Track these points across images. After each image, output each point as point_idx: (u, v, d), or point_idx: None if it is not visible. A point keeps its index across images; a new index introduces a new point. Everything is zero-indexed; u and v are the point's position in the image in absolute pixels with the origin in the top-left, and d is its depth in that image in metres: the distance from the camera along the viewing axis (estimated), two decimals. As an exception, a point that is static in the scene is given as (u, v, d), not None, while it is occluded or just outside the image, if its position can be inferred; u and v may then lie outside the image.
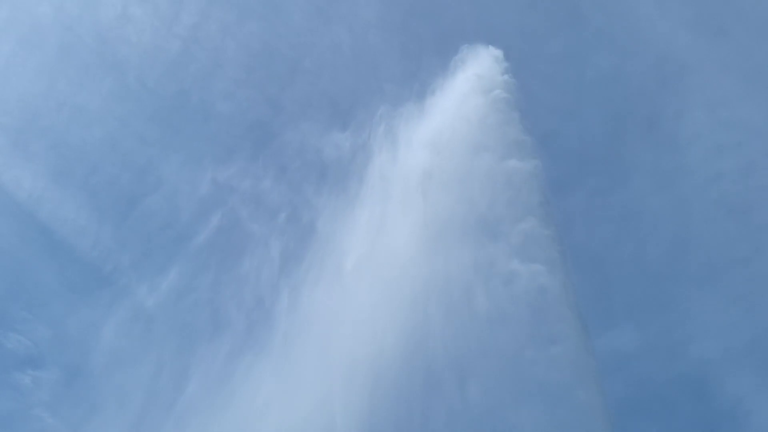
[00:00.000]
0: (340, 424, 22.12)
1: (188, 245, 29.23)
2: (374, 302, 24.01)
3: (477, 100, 27.22)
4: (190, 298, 28.43)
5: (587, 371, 22.00)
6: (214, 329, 27.05)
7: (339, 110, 32.85)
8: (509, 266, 23.76)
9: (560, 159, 32.54)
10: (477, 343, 22.72)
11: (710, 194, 32.42)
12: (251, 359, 25.16)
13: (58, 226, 31.13)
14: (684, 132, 33.18)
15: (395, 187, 26.76)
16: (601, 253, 31.82)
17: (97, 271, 30.41)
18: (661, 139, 33.70)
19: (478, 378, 22.16)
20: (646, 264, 32.09)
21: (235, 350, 25.86)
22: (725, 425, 28.24)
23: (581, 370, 21.93)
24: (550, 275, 23.37)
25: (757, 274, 30.27)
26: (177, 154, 33.30)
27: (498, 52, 28.44)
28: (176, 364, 26.38)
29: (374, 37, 35.73)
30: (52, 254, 31.31)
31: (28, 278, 31.18)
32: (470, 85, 27.74)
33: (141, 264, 30.34)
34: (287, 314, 25.69)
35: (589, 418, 21.06)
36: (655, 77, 34.29)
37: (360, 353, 22.96)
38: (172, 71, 34.64)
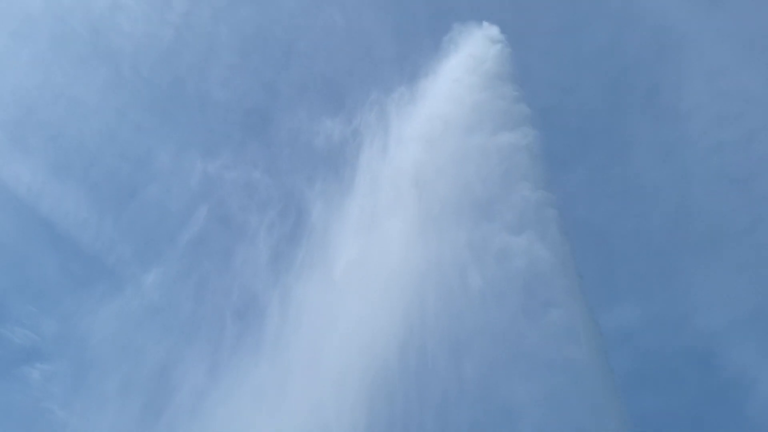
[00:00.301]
0: (333, 414, 22.23)
1: (190, 234, 29.29)
2: (369, 298, 23.98)
3: (470, 80, 26.93)
4: (193, 286, 28.61)
5: (588, 337, 21.99)
6: (212, 322, 27.19)
7: (333, 95, 32.70)
8: (503, 241, 23.74)
9: (560, 134, 32.44)
10: (472, 320, 22.75)
11: (711, 165, 32.35)
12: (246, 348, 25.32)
13: (59, 219, 31.23)
14: (684, 103, 32.99)
15: (388, 180, 26.60)
16: (602, 229, 31.77)
17: (99, 263, 30.55)
18: (661, 111, 33.51)
19: (473, 355, 22.23)
20: (649, 237, 32.08)
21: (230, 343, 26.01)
22: (731, 395, 28.43)
23: (582, 336, 21.93)
24: (544, 243, 23.32)
25: (760, 243, 30.25)
26: (175, 143, 33.18)
27: (493, 28, 28.09)
28: (177, 355, 26.63)
29: (368, 18, 35.42)
30: (55, 248, 31.45)
31: (32, 272, 31.37)
32: (463, 67, 27.43)
33: (143, 254, 30.44)
34: (279, 310, 25.73)
35: (592, 386, 21.09)
36: (653, 49, 34.02)
37: (356, 345, 23.00)
38: (167, 59, 34.48)
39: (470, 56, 27.54)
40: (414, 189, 25.44)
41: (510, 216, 24.03)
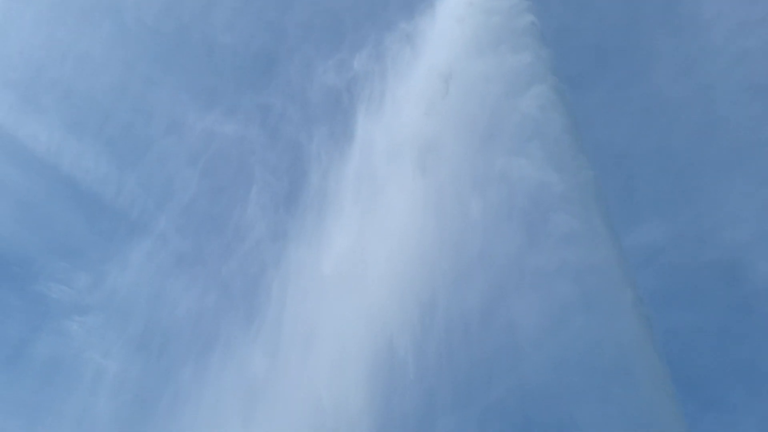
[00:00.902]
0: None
1: (209, 183, 29.62)
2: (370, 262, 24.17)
3: (477, 19, 26.18)
4: (219, 232, 29.13)
5: (596, 239, 21.93)
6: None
7: (339, 36, 31.93)
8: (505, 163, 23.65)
9: (577, 54, 31.58)
10: (477, 245, 22.88)
11: (735, 75, 31.32)
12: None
13: (82, 176, 31.55)
14: (704, 11, 31.73)
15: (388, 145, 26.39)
16: (624, 148, 31.30)
17: (125, 217, 30.95)
18: (681, 22, 32.28)
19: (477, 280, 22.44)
20: (672, 153, 31.49)
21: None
22: (759, 305, 28.36)
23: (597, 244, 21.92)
24: (551, 168, 23.16)
25: (786, 153, 29.58)
26: (186, 93, 33.15)
27: None
28: (207, 302, 27.44)
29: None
30: (80, 205, 31.93)
31: (61, 230, 31.97)
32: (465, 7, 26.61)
33: (166, 206, 30.82)
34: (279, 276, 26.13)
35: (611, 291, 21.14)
36: (670, -45, 32.51)
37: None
38: (170, 7, 33.85)
39: None
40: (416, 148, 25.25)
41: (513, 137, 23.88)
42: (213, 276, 28.16)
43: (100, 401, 26.46)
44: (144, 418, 25.47)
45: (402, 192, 24.89)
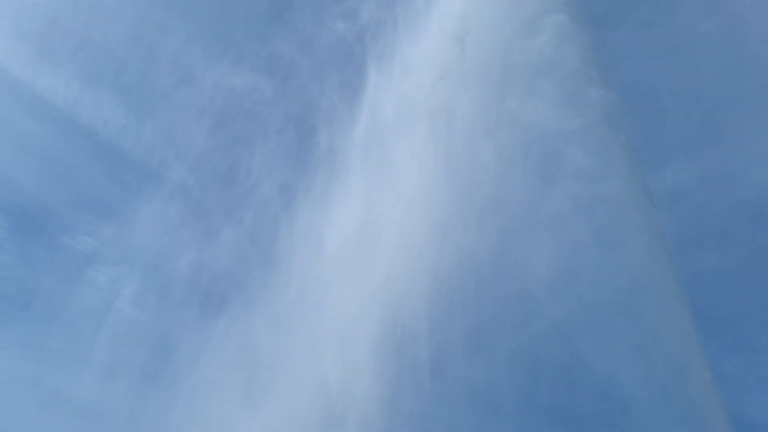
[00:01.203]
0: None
1: (239, 129, 29.56)
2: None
3: None
4: (239, 182, 29.18)
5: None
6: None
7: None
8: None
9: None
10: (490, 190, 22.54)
11: (766, 11, 30.11)
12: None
13: (100, 127, 31.45)
14: (736, -57, 30.34)
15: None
16: (651, 88, 30.38)
17: (145, 168, 31.02)
18: (711, -46, 30.94)
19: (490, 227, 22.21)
20: (699, 93, 30.61)
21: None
22: (787, 246, 27.98)
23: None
24: (565, 103, 22.56)
25: (819, 90, 28.65)
26: (200, 41, 32.69)
27: None
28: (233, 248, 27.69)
29: None
30: (100, 156, 31.93)
31: (83, 182, 32.10)
32: None
33: (186, 156, 30.79)
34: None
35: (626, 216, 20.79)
36: None
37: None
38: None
39: None
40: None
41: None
42: (226, 229, 28.47)
43: (127, 349, 27.12)
44: (168, 365, 26.12)
45: (413, 156, 24.51)
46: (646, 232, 21.37)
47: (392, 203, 24.40)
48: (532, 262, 22.07)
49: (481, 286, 22.23)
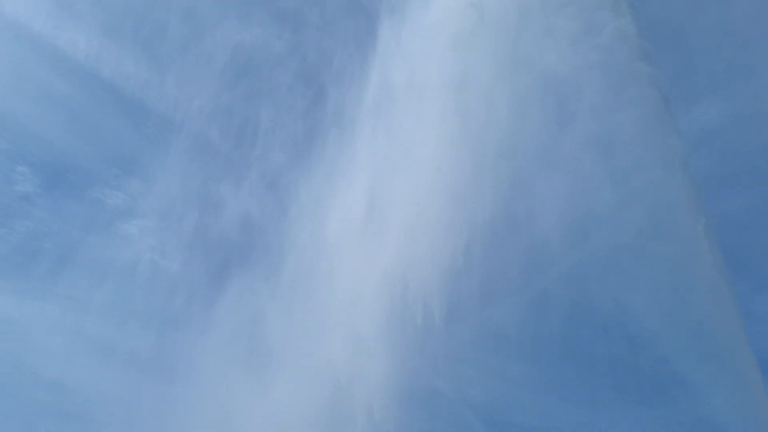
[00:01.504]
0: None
1: (253, 84, 29.42)
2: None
3: None
4: (261, 135, 29.26)
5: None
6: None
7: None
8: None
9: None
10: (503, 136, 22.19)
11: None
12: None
13: (123, 82, 31.49)
14: None
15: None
16: (680, 25, 29.50)
17: (169, 121, 31.11)
18: None
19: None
20: (730, 29, 29.67)
21: None
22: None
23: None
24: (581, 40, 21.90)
25: None
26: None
27: None
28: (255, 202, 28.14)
29: None
30: (124, 111, 32.10)
31: (108, 137, 32.49)
32: None
33: (209, 109, 30.78)
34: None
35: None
36: None
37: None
38: None
39: None
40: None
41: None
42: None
43: (159, 300, 27.85)
44: (196, 315, 26.83)
45: (425, 119, 24.07)
46: (668, 165, 20.61)
47: (404, 166, 24.20)
48: (548, 207, 21.85)
49: (496, 238, 22.14)
